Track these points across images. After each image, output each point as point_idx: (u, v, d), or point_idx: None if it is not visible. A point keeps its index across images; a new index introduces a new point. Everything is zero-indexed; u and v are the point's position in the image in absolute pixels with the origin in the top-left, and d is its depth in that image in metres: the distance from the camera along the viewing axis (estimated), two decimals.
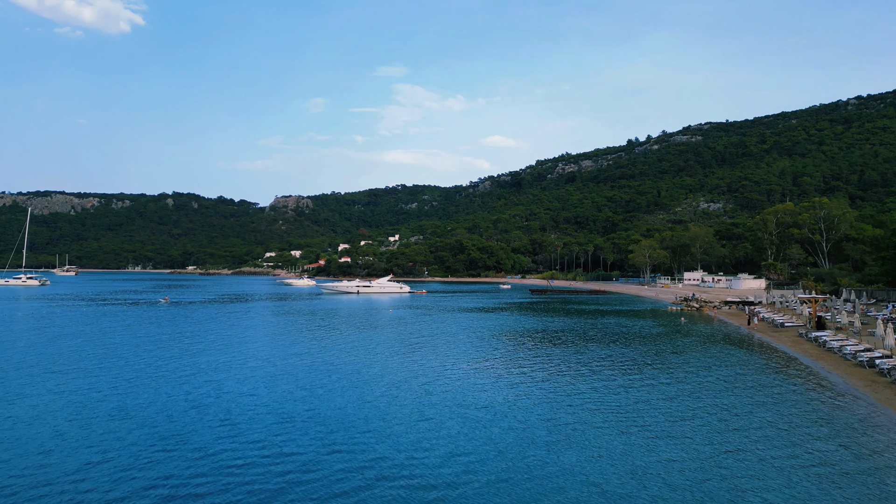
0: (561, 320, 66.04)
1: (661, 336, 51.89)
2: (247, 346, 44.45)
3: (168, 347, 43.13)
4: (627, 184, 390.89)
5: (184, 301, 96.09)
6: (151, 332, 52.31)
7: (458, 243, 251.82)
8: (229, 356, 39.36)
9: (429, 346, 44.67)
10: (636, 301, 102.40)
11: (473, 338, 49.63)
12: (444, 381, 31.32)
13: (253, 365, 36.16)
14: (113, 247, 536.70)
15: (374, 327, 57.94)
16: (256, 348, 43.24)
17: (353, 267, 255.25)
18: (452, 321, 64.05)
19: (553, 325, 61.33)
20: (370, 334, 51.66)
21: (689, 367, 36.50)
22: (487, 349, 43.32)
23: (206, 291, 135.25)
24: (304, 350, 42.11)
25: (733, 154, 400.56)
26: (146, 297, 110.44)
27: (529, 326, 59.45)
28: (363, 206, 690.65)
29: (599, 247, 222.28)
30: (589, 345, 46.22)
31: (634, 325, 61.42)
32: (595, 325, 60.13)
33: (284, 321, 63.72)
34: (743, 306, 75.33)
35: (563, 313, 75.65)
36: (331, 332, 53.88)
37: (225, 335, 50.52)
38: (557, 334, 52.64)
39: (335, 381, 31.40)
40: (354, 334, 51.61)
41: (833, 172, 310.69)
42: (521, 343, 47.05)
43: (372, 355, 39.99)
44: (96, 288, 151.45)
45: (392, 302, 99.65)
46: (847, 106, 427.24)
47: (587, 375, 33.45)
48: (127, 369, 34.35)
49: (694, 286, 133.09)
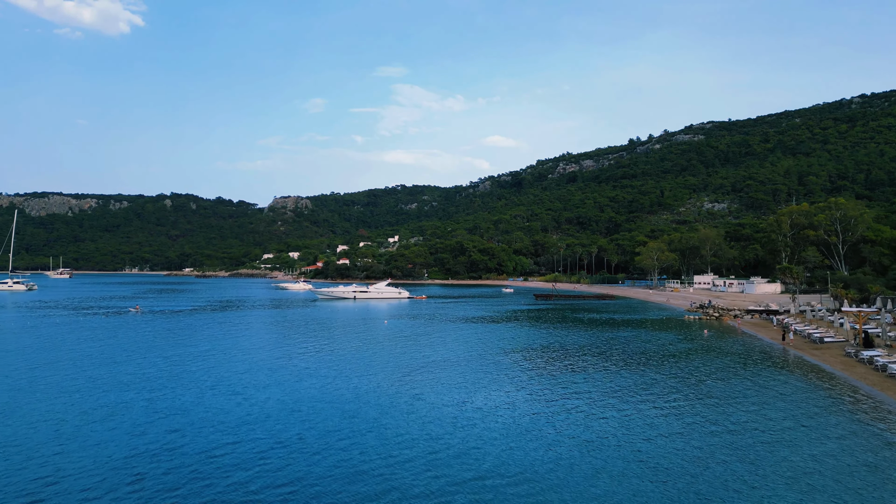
0: (575, 334, 60.50)
1: (690, 355, 46.32)
2: (204, 377, 37.10)
3: (99, 378, 36.66)
4: (630, 183, 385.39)
5: (165, 310, 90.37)
6: (93, 354, 46.20)
7: (459, 245, 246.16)
8: (173, 394, 32.07)
9: (429, 372, 39.03)
10: (648, 308, 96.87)
11: (481, 360, 43.94)
12: (455, 435, 25.66)
13: (200, 410, 28.67)
14: (110, 248, 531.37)
15: (369, 344, 52.38)
16: (217, 378, 36.61)
17: (351, 269, 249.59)
18: (455, 336, 58.52)
19: (568, 340, 55.79)
20: (362, 356, 45.70)
21: (744, 402, 30.96)
22: (499, 377, 37.70)
23: (194, 297, 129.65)
24: (279, 380, 36.12)
25: (736, 153, 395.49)
26: (127, 304, 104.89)
27: (542, 342, 53.93)
28: (362, 206, 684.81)
29: (603, 248, 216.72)
30: (614, 368, 40.75)
31: (655, 339, 55.91)
32: (614, 341, 54.59)
33: (267, 338, 56.91)
34: (768, 316, 69.83)
35: (574, 324, 70.10)
36: (317, 352, 48.27)
37: (184, 359, 44.16)
38: (576, 354, 46.99)
39: (310, 435, 25.73)
40: (344, 357, 45.59)
41: (839, 172, 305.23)
42: (538, 367, 41.47)
43: (361, 390, 34.27)
44: (84, 292, 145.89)
45: (390, 310, 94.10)
46: (851, 104, 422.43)
47: (631, 420, 27.94)
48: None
49: (705, 290, 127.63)
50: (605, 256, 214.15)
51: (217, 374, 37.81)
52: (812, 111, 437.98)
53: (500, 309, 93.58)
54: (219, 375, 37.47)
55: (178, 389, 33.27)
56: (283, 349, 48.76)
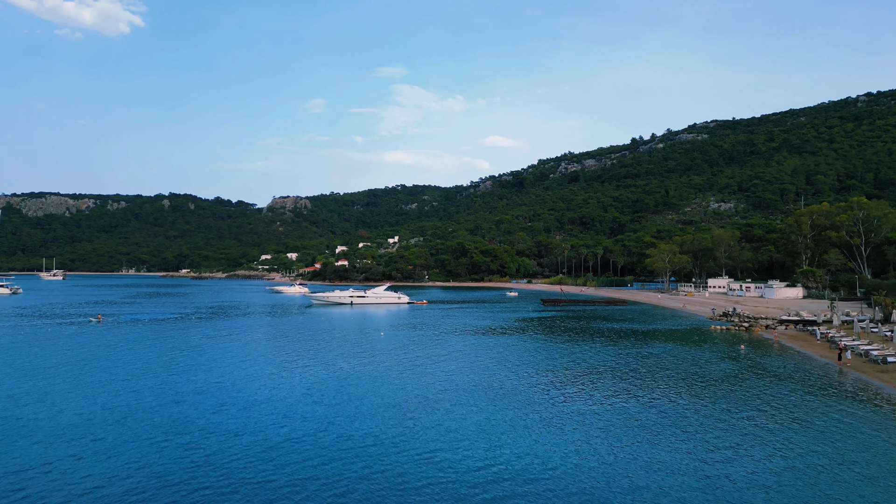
0: (599, 350, 54.03)
1: (740, 380, 39.85)
2: (140, 429, 27.78)
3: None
4: (633, 183, 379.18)
5: (141, 319, 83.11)
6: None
7: (460, 246, 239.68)
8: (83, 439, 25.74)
9: (436, 410, 32.36)
10: (665, 315, 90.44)
11: (499, 392, 37.08)
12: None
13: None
14: (107, 249, 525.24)
15: (363, 362, 45.96)
16: (162, 428, 27.78)
17: (350, 271, 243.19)
18: (462, 353, 52.12)
19: (594, 358, 49.34)
20: (352, 387, 38.71)
21: (843, 452, 24.60)
22: (528, 418, 31.09)
23: (182, 302, 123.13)
24: (245, 428, 29.69)
25: (741, 152, 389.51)
26: (109, 310, 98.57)
27: (564, 362, 47.53)
28: (362, 206, 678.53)
29: (609, 249, 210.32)
30: (649, 396, 34.42)
31: (691, 357, 49.54)
32: (647, 361, 48.11)
33: (241, 366, 45.34)
34: (804, 327, 63.41)
35: (594, 337, 63.68)
36: (302, 373, 41.88)
37: (120, 396, 34.84)
38: (610, 379, 40.30)
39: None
40: (329, 389, 38.10)
41: (848, 171, 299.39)
42: (570, 398, 34.95)
43: (349, 436, 27.89)
44: (68, 297, 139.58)
45: (388, 317, 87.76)
46: (857, 103, 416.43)
47: (724, 479, 21.57)
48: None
49: (720, 295, 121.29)
50: (610, 258, 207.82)
51: (166, 422, 28.61)
52: (817, 110, 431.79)
53: (507, 317, 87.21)
54: (168, 424, 28.35)
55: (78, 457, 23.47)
56: (258, 382, 38.54)
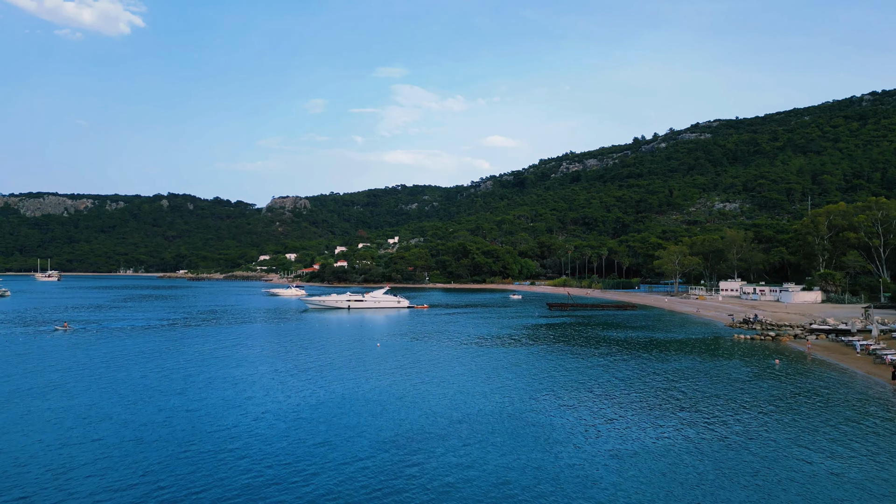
0: (615, 363, 49.19)
1: (784, 405, 34.94)
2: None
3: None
4: (636, 183, 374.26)
5: (120, 327, 77.90)
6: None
7: (462, 247, 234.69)
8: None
9: (438, 446, 27.52)
10: (680, 321, 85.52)
11: (506, 415, 32.54)
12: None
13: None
14: (104, 249, 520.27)
15: (356, 384, 41.01)
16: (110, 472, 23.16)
17: (348, 272, 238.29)
18: (465, 369, 47.29)
19: (611, 374, 44.57)
20: (344, 410, 34.00)
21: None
22: (542, 452, 26.36)
23: (172, 306, 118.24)
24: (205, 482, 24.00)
25: (745, 152, 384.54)
26: (93, 315, 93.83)
27: (580, 380, 42.74)
28: (362, 206, 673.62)
29: (614, 250, 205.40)
30: (697, 427, 29.64)
31: (720, 372, 44.76)
32: (669, 375, 43.40)
33: (220, 380, 41.08)
34: (837, 336, 58.56)
35: (609, 347, 58.86)
36: (285, 400, 37.06)
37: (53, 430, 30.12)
38: (633, 402, 35.66)
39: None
40: (318, 412, 33.72)
41: (854, 170, 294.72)
42: (593, 429, 30.22)
43: (335, 486, 23.01)
44: (56, 300, 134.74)
45: (387, 324, 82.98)
46: (861, 102, 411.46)
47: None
48: None
49: (733, 298, 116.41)
50: (615, 259, 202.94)
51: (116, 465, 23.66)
52: (821, 109, 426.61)
53: (513, 324, 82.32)
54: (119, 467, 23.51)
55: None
56: (231, 414, 32.15)
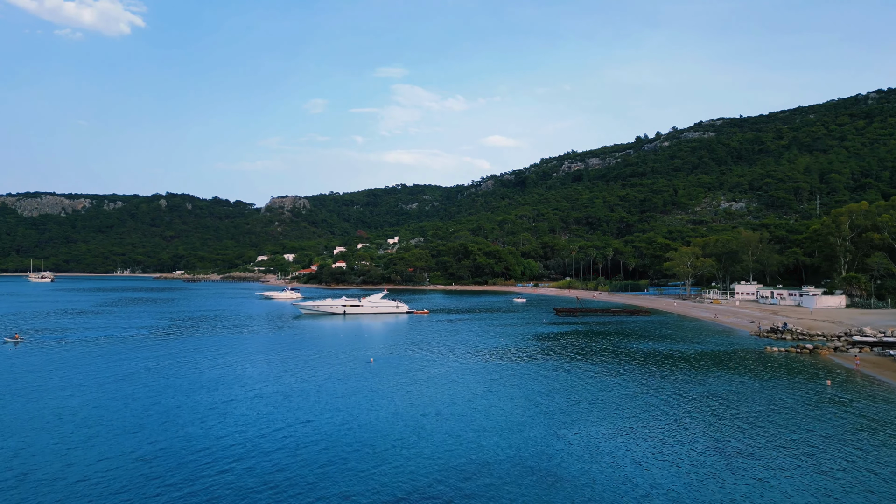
0: (645, 385, 43.46)
1: (862, 443, 29.29)
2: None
3: None
4: (640, 182, 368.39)
5: (85, 338, 71.40)
6: None
7: (463, 247, 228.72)
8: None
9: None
10: (700, 329, 79.55)
11: (528, 469, 26.88)
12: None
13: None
14: (102, 250, 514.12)
15: (346, 414, 35.20)
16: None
17: (347, 274, 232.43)
18: (468, 394, 41.63)
19: (645, 400, 39.02)
20: (329, 455, 28.49)
21: None
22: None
23: (160, 311, 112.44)
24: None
25: (750, 150, 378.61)
26: (71, 321, 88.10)
27: (611, 407, 37.20)
28: (362, 206, 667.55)
29: (619, 251, 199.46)
30: (774, 479, 23.92)
31: (767, 396, 39.27)
32: (710, 401, 37.98)
33: (184, 407, 35.45)
34: (884, 350, 52.73)
35: (632, 362, 53.14)
36: (254, 434, 31.28)
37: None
38: (684, 441, 30.26)
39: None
40: (296, 459, 28.16)
41: (863, 169, 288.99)
42: (644, 483, 24.46)
43: None
44: (40, 304, 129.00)
45: (384, 332, 77.25)
46: (867, 100, 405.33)
47: None
48: None
49: (750, 302, 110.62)
50: (621, 260, 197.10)
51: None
52: (826, 107, 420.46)
53: (521, 333, 76.46)
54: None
55: None
56: (185, 464, 25.27)
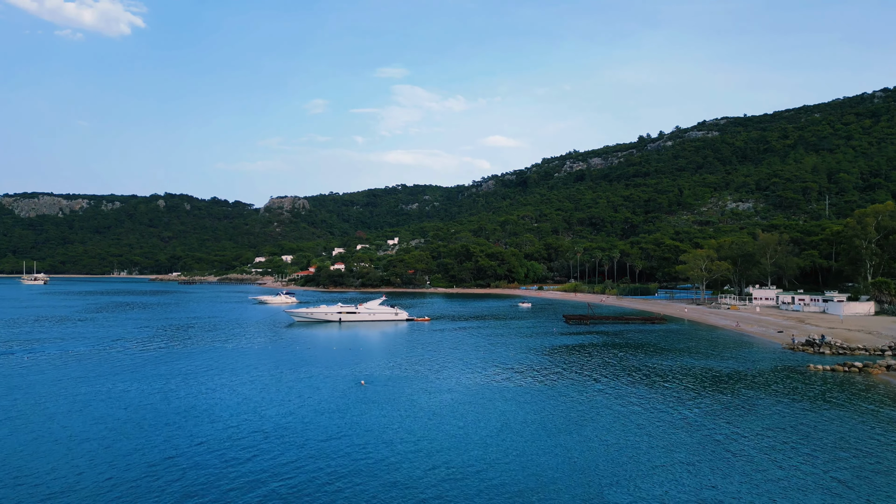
0: (688, 422, 37.55)
1: None
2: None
3: None
4: (644, 182, 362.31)
5: (53, 352, 66.36)
6: None
7: (465, 249, 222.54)
8: None
9: None
10: (725, 341, 73.43)
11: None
12: None
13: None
14: (99, 251, 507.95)
15: (322, 455, 29.16)
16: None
17: (345, 276, 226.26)
18: (478, 432, 35.71)
19: (690, 440, 32.76)
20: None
21: None
22: None
23: (149, 318, 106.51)
24: None
25: (755, 150, 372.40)
26: (48, 330, 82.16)
27: (653, 452, 31.08)
28: (362, 206, 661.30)
29: (626, 253, 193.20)
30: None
31: (837, 436, 33.46)
32: (777, 447, 31.97)
33: (132, 451, 30.95)
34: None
35: (663, 385, 47.08)
36: (225, 484, 25.26)
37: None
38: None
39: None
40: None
41: (871, 168, 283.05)
42: None
43: None
44: (20, 311, 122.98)
45: (381, 344, 71.24)
46: (873, 98, 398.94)
47: None
48: None
49: (771, 308, 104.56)
50: (627, 262, 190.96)
51: None
52: (832, 106, 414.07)
53: (531, 345, 70.37)
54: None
55: None
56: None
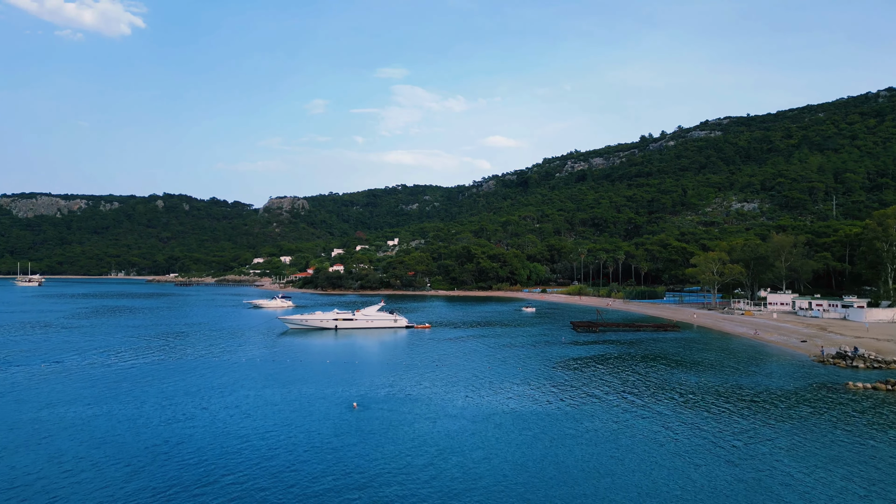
0: (738, 462, 32.99)
1: None
2: None
3: None
4: (646, 182, 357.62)
5: (22, 366, 61.51)
6: None
7: (466, 250, 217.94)
8: None
9: None
10: (744, 350, 69.02)
11: None
12: None
13: None
14: (96, 251, 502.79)
15: None
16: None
17: (344, 278, 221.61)
18: (492, 474, 31.07)
19: (741, 489, 28.24)
20: None
21: None
22: None
23: (133, 326, 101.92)
24: None
25: (758, 150, 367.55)
26: (24, 339, 77.67)
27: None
28: (361, 207, 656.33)
29: (631, 254, 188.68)
30: None
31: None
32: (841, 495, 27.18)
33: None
34: None
35: (694, 408, 42.83)
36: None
37: None
38: None
39: None
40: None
41: (878, 168, 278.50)
42: None
43: None
44: (6, 315, 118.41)
45: (378, 356, 66.75)
46: (878, 98, 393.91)
47: None
48: None
49: (788, 314, 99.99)
50: (632, 264, 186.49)
51: None
52: (836, 105, 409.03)
53: (540, 357, 65.89)
54: None
55: None
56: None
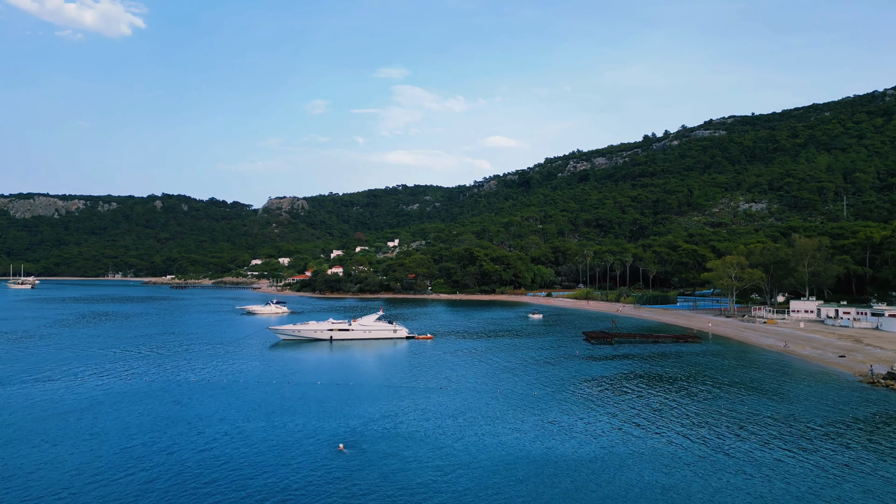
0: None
1: None
2: None
3: None
4: (651, 182, 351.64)
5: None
6: None
7: (468, 253, 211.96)
8: None
9: None
10: (780, 367, 63.21)
11: None
12: None
13: None
14: (94, 252, 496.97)
15: None
16: None
17: (343, 281, 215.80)
18: None
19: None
20: None
21: None
22: None
23: (116, 336, 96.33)
24: None
25: (764, 149, 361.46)
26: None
27: None
28: (362, 207, 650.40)
29: (639, 257, 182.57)
30: None
31: None
32: None
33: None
34: None
35: (736, 433, 37.31)
36: None
37: None
38: None
39: None
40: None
41: (888, 168, 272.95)
42: None
43: None
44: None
45: (375, 373, 61.00)
46: (885, 97, 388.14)
47: None
48: None
49: (814, 323, 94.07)
50: (640, 266, 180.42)
51: None
52: (842, 104, 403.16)
53: (555, 376, 60.11)
54: None
55: None
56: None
